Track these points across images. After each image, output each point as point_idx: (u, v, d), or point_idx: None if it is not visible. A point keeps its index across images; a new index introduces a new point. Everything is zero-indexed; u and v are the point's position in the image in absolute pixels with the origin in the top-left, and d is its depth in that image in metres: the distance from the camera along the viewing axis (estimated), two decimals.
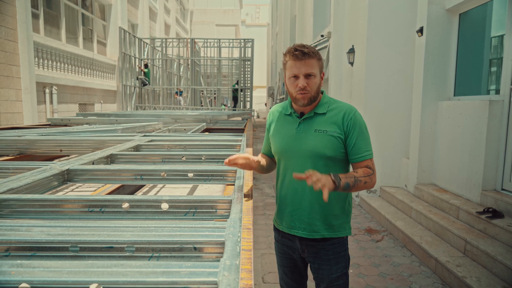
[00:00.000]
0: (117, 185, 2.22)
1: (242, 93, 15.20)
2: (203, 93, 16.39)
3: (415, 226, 4.19)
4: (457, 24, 4.59)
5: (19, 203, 1.01)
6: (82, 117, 4.77)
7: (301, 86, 1.47)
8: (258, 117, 29.05)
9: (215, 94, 17.83)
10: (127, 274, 0.57)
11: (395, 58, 5.41)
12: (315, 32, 9.80)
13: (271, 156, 1.75)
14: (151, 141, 2.30)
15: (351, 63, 6.21)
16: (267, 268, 3.37)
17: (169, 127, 3.89)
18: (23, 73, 6.65)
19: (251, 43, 14.47)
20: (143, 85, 12.97)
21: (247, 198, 1.28)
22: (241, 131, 4.00)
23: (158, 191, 3.03)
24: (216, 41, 14.62)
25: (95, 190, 2.73)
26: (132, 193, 2.48)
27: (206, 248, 0.75)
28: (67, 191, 2.79)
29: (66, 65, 8.54)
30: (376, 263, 3.51)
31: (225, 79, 18.44)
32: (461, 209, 3.81)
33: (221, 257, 0.66)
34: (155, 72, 14.42)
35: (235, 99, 16.05)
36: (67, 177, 1.40)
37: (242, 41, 14.91)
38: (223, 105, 18.71)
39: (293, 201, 1.58)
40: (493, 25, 4.29)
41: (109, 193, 2.10)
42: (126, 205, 1.03)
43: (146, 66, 13.06)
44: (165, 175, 1.42)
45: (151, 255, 0.74)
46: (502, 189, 3.73)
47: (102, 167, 1.52)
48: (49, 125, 4.37)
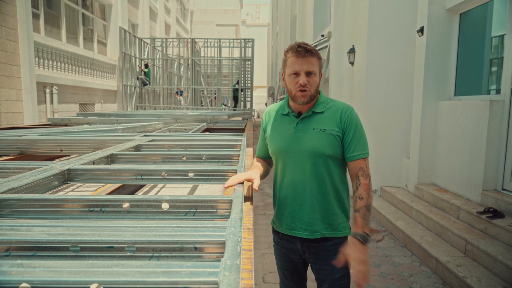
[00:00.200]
0: (117, 185, 2.22)
1: (242, 93, 15.20)
2: (203, 93, 16.39)
3: (416, 226, 4.19)
4: (457, 24, 4.58)
5: (20, 203, 1.00)
6: (82, 117, 4.77)
7: (302, 83, 1.46)
8: (258, 117, 29.05)
9: (215, 94, 17.82)
10: (127, 274, 0.57)
11: (396, 58, 5.41)
12: (315, 32, 9.80)
13: (266, 158, 1.71)
14: (152, 141, 2.30)
15: (352, 63, 6.21)
16: (268, 268, 3.37)
17: (170, 127, 3.89)
18: (23, 73, 6.65)
19: (251, 43, 14.47)
20: (143, 85, 12.97)
21: (247, 198, 1.27)
22: (242, 131, 4.00)
23: (158, 191, 3.03)
24: (216, 41, 14.62)
25: (95, 190, 2.73)
26: (132, 193, 2.48)
27: (206, 248, 0.75)
28: (68, 191, 2.79)
29: (66, 65, 8.55)
30: (376, 263, 3.51)
31: (226, 79, 18.43)
32: (462, 209, 3.81)
33: (222, 257, 0.66)
34: (155, 72, 14.43)
35: (235, 99, 16.05)
36: (68, 177, 1.40)
37: (242, 41, 14.91)
38: (224, 105, 18.70)
39: (293, 201, 1.56)
40: (494, 25, 4.28)
41: (110, 193, 2.10)
42: (126, 205, 1.02)
43: (146, 66, 13.06)
44: (166, 175, 1.42)
45: (151, 255, 0.74)
46: (502, 189, 3.73)
47: (102, 167, 1.52)
48: (50, 125, 4.37)
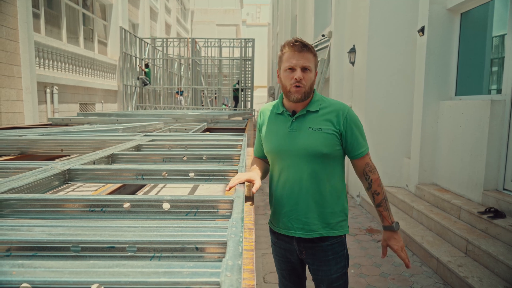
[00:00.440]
0: (118, 185, 2.22)
1: (242, 93, 15.19)
2: (203, 93, 16.38)
3: (416, 226, 4.18)
4: (458, 23, 4.58)
5: (20, 203, 1.00)
6: (83, 117, 4.77)
7: (297, 78, 1.45)
8: None
9: (215, 94, 17.82)
10: (129, 274, 0.57)
11: (396, 57, 5.41)
12: (316, 31, 9.79)
13: (264, 157, 1.71)
14: (152, 140, 2.29)
15: (352, 63, 6.20)
16: (268, 268, 3.37)
17: (170, 127, 3.89)
18: (24, 73, 6.65)
19: (251, 43, 14.46)
20: (144, 85, 12.97)
21: (248, 198, 1.27)
22: (242, 130, 4.00)
23: (159, 191, 3.03)
24: (217, 40, 14.61)
25: (96, 189, 2.73)
26: (133, 193, 2.48)
27: (208, 248, 0.74)
28: (68, 191, 2.79)
29: (67, 65, 8.55)
30: (377, 263, 3.50)
31: (226, 78, 18.43)
32: (463, 209, 3.81)
33: (223, 257, 0.65)
34: (156, 72, 14.42)
35: (235, 99, 16.04)
36: (68, 177, 1.40)
37: (242, 41, 14.90)
38: (224, 104, 18.70)
39: (289, 201, 1.55)
40: (495, 25, 4.28)
41: (110, 193, 2.10)
42: (127, 205, 1.02)
43: (147, 66, 13.06)
44: (166, 174, 1.42)
45: (152, 255, 0.74)
46: (503, 189, 3.72)
47: (103, 166, 1.51)
48: (50, 125, 4.37)
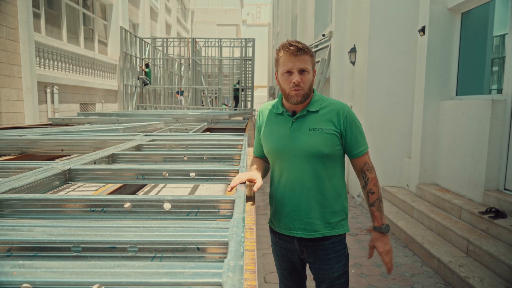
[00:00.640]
0: (118, 185, 2.21)
1: (243, 93, 15.19)
2: (204, 93, 16.38)
3: (417, 226, 4.18)
4: (459, 23, 4.57)
5: (21, 203, 1.00)
6: (83, 117, 4.76)
7: (295, 81, 1.46)
8: None
9: (216, 93, 17.81)
10: (130, 275, 0.56)
11: (397, 57, 5.40)
12: (316, 31, 9.79)
13: (264, 157, 1.71)
14: (153, 140, 2.29)
15: (353, 63, 6.19)
16: (269, 268, 3.36)
17: (170, 127, 3.88)
18: (24, 73, 6.65)
19: (252, 43, 14.45)
20: (144, 84, 12.97)
21: (249, 198, 1.27)
22: (243, 130, 4.00)
23: (159, 191, 3.02)
24: (217, 40, 14.60)
25: (96, 189, 2.73)
26: (133, 193, 2.48)
27: (209, 248, 0.74)
28: (69, 191, 2.79)
29: (67, 65, 8.55)
30: (378, 263, 3.50)
31: (226, 78, 18.41)
32: (464, 209, 3.80)
33: (225, 257, 0.65)
34: (156, 71, 14.42)
35: (236, 99, 16.03)
36: (69, 177, 1.40)
37: (243, 40, 14.89)
38: (224, 104, 18.70)
39: (290, 201, 1.55)
40: (496, 24, 4.27)
41: (111, 193, 2.09)
42: (128, 205, 1.02)
43: (147, 65, 13.06)
44: (167, 174, 1.42)
45: (154, 255, 0.73)
46: (504, 189, 3.72)
47: (103, 166, 1.51)
48: (50, 125, 4.37)
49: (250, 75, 14.93)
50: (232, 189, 1.25)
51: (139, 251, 0.73)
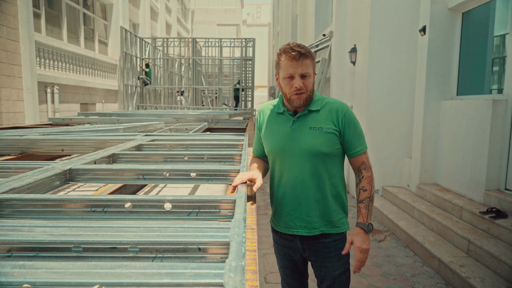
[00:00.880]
0: (119, 185, 2.21)
1: (243, 93, 15.18)
2: (204, 93, 16.38)
3: (418, 226, 4.17)
4: (460, 23, 4.56)
5: (21, 203, 1.00)
6: (83, 117, 4.76)
7: (297, 86, 1.46)
8: None
9: (216, 93, 17.82)
10: (131, 275, 0.56)
11: (398, 57, 5.40)
12: (316, 31, 9.78)
13: (263, 156, 1.71)
14: (153, 140, 2.29)
15: (353, 63, 6.19)
16: (270, 268, 3.36)
17: (171, 127, 3.88)
18: (24, 73, 6.65)
19: (252, 43, 14.45)
20: (144, 84, 12.97)
21: (250, 197, 1.26)
22: (243, 130, 3.99)
23: (159, 191, 3.02)
24: (217, 40, 14.60)
25: (96, 189, 2.72)
26: (134, 193, 2.47)
27: (210, 248, 0.74)
28: (69, 191, 2.78)
29: (67, 65, 8.55)
30: (379, 263, 3.50)
31: (227, 78, 18.41)
32: (464, 209, 3.80)
33: (226, 258, 0.65)
34: (156, 71, 14.42)
35: (236, 99, 16.03)
36: (69, 177, 1.39)
37: (243, 40, 14.89)
38: (225, 104, 18.70)
39: (291, 200, 1.56)
40: (496, 24, 4.27)
41: (111, 193, 2.09)
42: (128, 205, 1.01)
43: (147, 65, 13.06)
44: (168, 174, 1.41)
45: (154, 255, 0.73)
46: (505, 189, 3.71)
47: (104, 166, 1.51)
48: (51, 125, 4.36)
49: (250, 75, 14.92)
50: (234, 189, 1.25)
51: (140, 251, 0.72)
